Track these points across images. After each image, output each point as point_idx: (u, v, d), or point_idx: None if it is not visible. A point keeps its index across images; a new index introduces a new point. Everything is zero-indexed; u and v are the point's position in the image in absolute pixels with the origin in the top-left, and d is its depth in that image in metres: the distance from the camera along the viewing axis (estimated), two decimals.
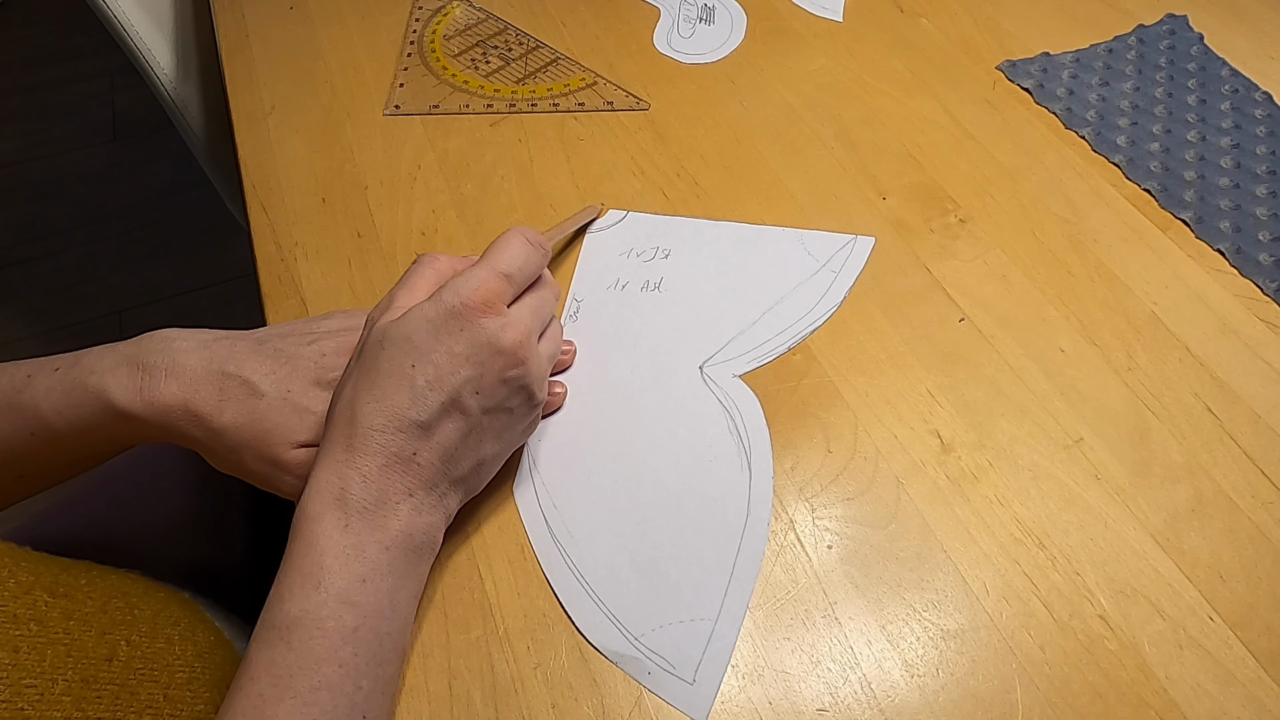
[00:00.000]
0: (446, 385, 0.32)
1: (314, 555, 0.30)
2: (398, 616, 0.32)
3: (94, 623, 0.34)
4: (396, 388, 0.32)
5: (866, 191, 0.52)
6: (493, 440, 0.35)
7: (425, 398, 0.32)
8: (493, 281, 0.34)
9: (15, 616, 0.31)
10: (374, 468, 0.32)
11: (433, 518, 0.33)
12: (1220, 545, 0.37)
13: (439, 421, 0.32)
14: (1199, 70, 0.59)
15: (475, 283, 0.34)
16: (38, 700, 0.30)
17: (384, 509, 0.31)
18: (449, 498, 0.34)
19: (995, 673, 0.34)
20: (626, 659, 0.34)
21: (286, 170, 0.53)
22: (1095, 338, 0.45)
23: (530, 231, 0.37)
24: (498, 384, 0.34)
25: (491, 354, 0.33)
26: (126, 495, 0.53)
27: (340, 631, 0.29)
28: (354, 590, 0.30)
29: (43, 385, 0.35)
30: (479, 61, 0.60)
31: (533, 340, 0.35)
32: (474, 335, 0.33)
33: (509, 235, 0.36)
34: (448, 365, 0.32)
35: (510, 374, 0.34)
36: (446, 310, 0.33)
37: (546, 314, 0.38)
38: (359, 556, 0.31)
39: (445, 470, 0.33)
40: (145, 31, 0.69)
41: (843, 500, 0.39)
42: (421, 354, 0.32)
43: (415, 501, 0.32)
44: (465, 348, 0.33)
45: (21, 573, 0.34)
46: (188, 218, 1.49)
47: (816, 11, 0.64)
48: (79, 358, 0.36)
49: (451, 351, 0.33)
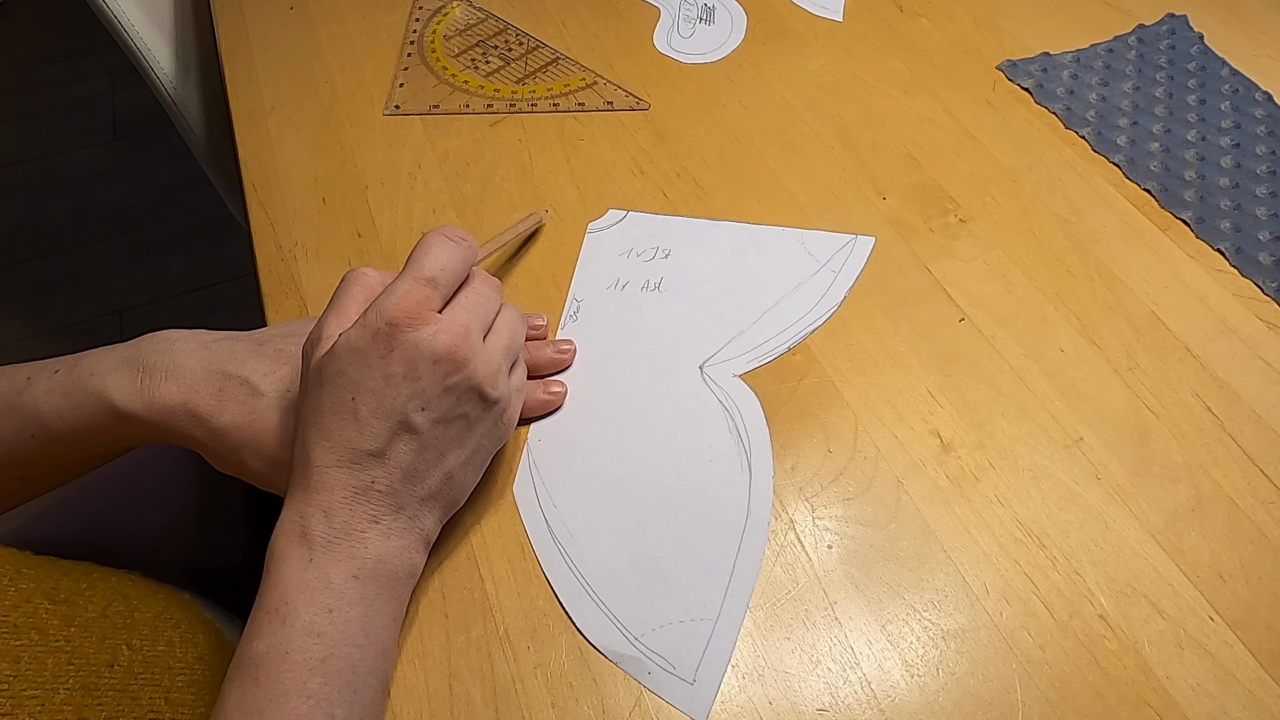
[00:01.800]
0: (388, 409, 0.32)
1: (279, 592, 0.30)
2: (372, 643, 0.31)
3: (94, 628, 0.34)
4: (342, 423, 0.32)
5: (866, 191, 0.52)
6: (455, 449, 0.34)
7: (371, 426, 0.32)
8: (415, 290, 0.33)
9: (16, 626, 0.31)
10: (335, 501, 0.31)
11: (404, 540, 0.33)
12: (1220, 545, 0.37)
13: (390, 446, 0.32)
14: (1199, 70, 0.59)
15: (396, 297, 0.32)
16: (39, 710, 0.30)
17: (349, 539, 0.31)
18: (422, 517, 0.34)
19: (995, 672, 0.34)
20: (627, 659, 0.34)
21: (286, 170, 0.53)
22: (1095, 338, 0.45)
23: (450, 229, 0.36)
24: (442, 394, 0.33)
25: (428, 365, 0.32)
26: (126, 496, 0.53)
27: (307, 664, 0.29)
28: (320, 621, 0.30)
29: (42, 387, 0.35)
30: (479, 61, 0.60)
31: (472, 339, 0.34)
32: (405, 352, 0.32)
33: (427, 238, 0.35)
34: (386, 390, 0.32)
35: (452, 380, 0.33)
36: (372, 333, 0.32)
37: (487, 308, 0.36)
38: (324, 588, 0.30)
39: (410, 490, 0.33)
40: (145, 31, 0.69)
41: (843, 500, 0.39)
42: (358, 386, 0.32)
43: (382, 527, 0.32)
44: (400, 366, 0.32)
45: (22, 580, 0.34)
46: (188, 218, 1.49)
47: (816, 11, 0.64)
48: (79, 359, 0.36)
49: (386, 375, 0.32)
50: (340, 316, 0.34)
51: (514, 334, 0.37)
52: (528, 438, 0.41)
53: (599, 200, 0.51)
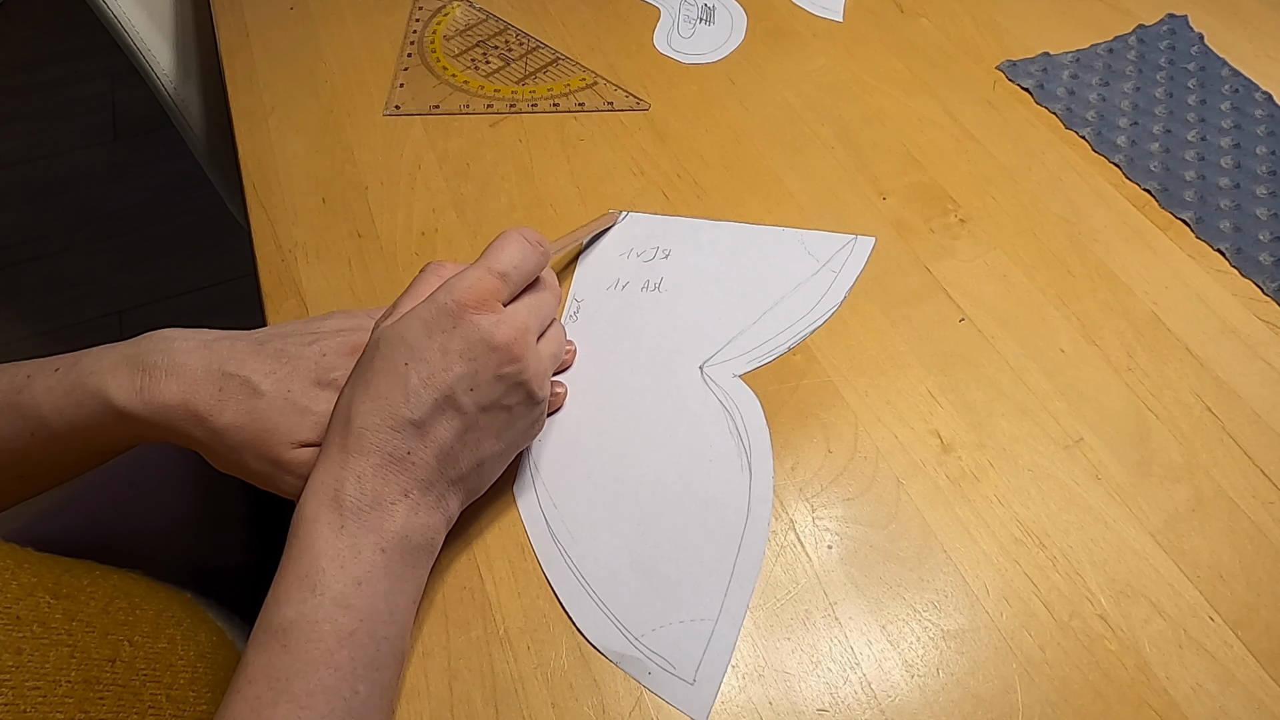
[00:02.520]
0: (440, 382, 0.32)
1: (310, 558, 0.30)
2: (395, 620, 0.31)
3: (96, 624, 0.34)
4: (390, 387, 0.32)
5: (866, 191, 0.52)
6: (492, 439, 0.35)
7: (419, 395, 0.32)
8: (487, 280, 0.34)
9: (18, 619, 0.31)
10: (368, 468, 0.32)
11: (430, 518, 0.33)
12: (1220, 545, 0.37)
13: (434, 419, 0.32)
14: (1199, 70, 0.59)
15: (469, 281, 0.34)
16: (40, 702, 0.30)
17: (379, 510, 0.31)
18: (448, 499, 0.34)
19: (995, 673, 0.34)
20: (627, 659, 0.34)
21: (286, 170, 0.53)
22: (1095, 338, 0.45)
23: (529, 231, 0.37)
24: (493, 380, 0.33)
25: (485, 350, 0.33)
26: (127, 495, 0.53)
27: (336, 635, 0.29)
28: (350, 593, 0.30)
29: (42, 385, 0.35)
30: (479, 62, 0.60)
31: (529, 338, 0.35)
32: (467, 332, 0.33)
33: (506, 235, 0.36)
34: (441, 362, 0.32)
35: (506, 370, 0.33)
36: (439, 308, 0.33)
37: (546, 314, 0.37)
38: (354, 559, 0.31)
39: (442, 470, 0.33)
40: (145, 31, 0.69)
41: (843, 500, 0.39)
42: (414, 352, 0.32)
43: (411, 502, 0.32)
44: (459, 344, 0.33)
45: (24, 574, 0.34)
46: (188, 218, 1.49)
47: (816, 11, 0.64)
48: (79, 358, 0.36)
49: (445, 348, 0.32)
50: (414, 298, 0.35)
51: (559, 345, 0.39)
52: None
53: (599, 200, 0.51)
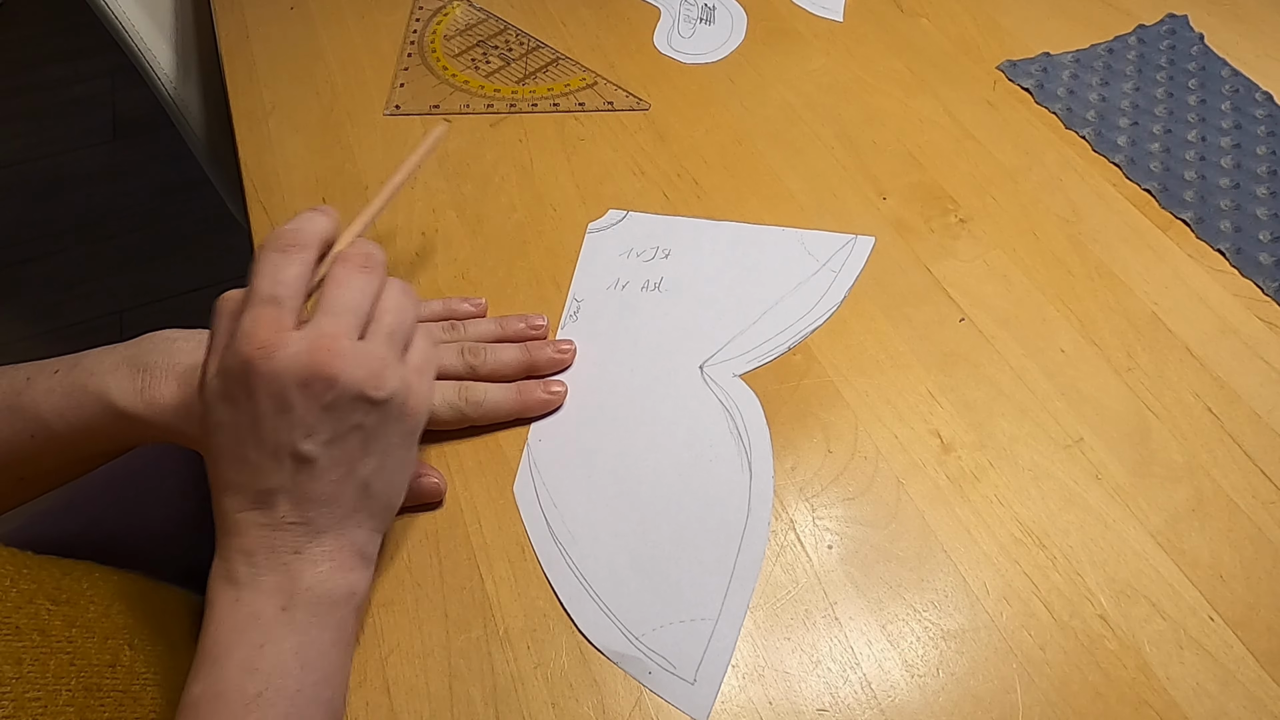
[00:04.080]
0: (273, 446, 0.31)
1: (212, 635, 0.30)
2: (311, 671, 0.31)
3: (96, 629, 0.34)
4: (236, 470, 0.31)
5: (866, 191, 0.52)
6: (362, 461, 0.32)
7: (263, 467, 0.31)
8: (262, 315, 0.31)
9: (18, 628, 0.31)
10: (250, 543, 0.31)
11: (333, 563, 0.32)
12: (1220, 545, 0.37)
13: (290, 479, 0.31)
14: (1199, 70, 0.59)
15: (243, 330, 0.31)
16: (41, 712, 0.30)
17: (274, 573, 0.31)
18: (349, 534, 0.33)
19: (995, 673, 0.34)
20: (627, 659, 0.34)
21: (286, 170, 0.53)
22: (1095, 338, 0.45)
23: (284, 232, 0.33)
24: (322, 415, 0.31)
25: (295, 392, 0.30)
26: (128, 496, 0.53)
27: (242, 700, 0.29)
28: (253, 657, 0.30)
29: (42, 387, 0.35)
30: (479, 61, 0.60)
31: (337, 345, 0.31)
32: (267, 386, 0.30)
33: (257, 252, 0.32)
34: (263, 429, 0.31)
35: (328, 398, 0.31)
36: (230, 376, 0.31)
37: (357, 300, 0.33)
38: (255, 625, 0.30)
39: (325, 515, 0.32)
40: (145, 31, 0.69)
41: (843, 500, 0.39)
42: (236, 432, 0.31)
43: (306, 556, 0.31)
44: (267, 403, 0.30)
45: (23, 581, 0.34)
46: (188, 218, 1.49)
47: (816, 11, 0.64)
48: (78, 360, 0.36)
49: (256, 416, 0.30)
50: (215, 353, 0.32)
51: (399, 314, 0.34)
52: (528, 438, 0.41)
53: (599, 200, 0.51)
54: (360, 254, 0.34)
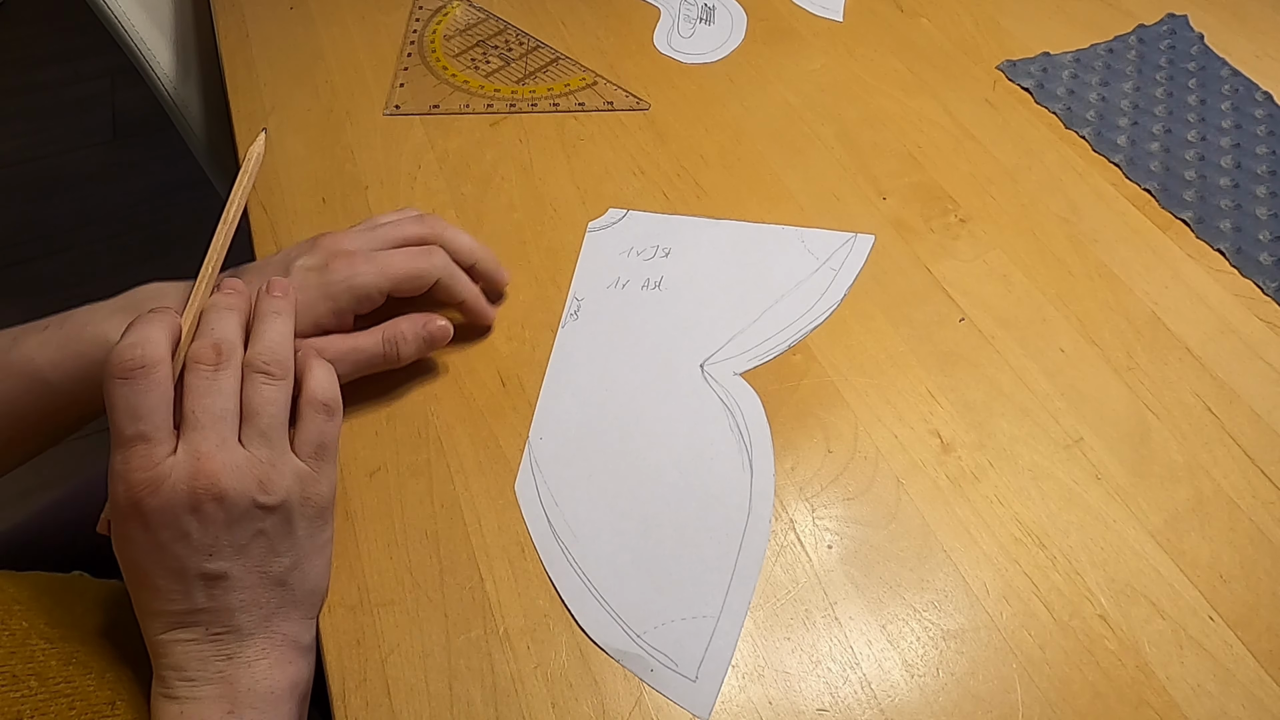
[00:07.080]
0: (179, 571, 0.31)
1: None
2: None
3: (94, 665, 0.34)
4: (150, 597, 0.31)
5: (866, 191, 0.52)
6: (273, 562, 0.33)
7: (173, 592, 0.31)
8: (132, 457, 0.30)
9: (15, 676, 0.31)
10: (180, 659, 0.31)
11: (268, 659, 0.32)
12: (1220, 545, 0.37)
13: (204, 596, 0.31)
14: (1199, 70, 0.59)
15: (119, 475, 0.31)
16: None
17: (210, 684, 0.31)
18: (278, 629, 0.33)
19: (995, 673, 0.34)
20: (629, 656, 0.34)
21: (286, 170, 0.53)
22: (1095, 338, 0.45)
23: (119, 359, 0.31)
24: (220, 533, 0.31)
25: (187, 518, 0.30)
26: None
27: None
28: None
29: (34, 342, 0.36)
30: (479, 61, 0.60)
31: (215, 463, 0.31)
32: (158, 519, 0.30)
33: (106, 387, 0.31)
34: (166, 558, 0.31)
35: (221, 517, 0.31)
36: (124, 515, 0.31)
37: (222, 403, 0.32)
38: None
39: (249, 619, 0.32)
40: (145, 31, 0.69)
41: (843, 500, 0.39)
42: (140, 564, 0.31)
43: (238, 660, 0.32)
44: (164, 533, 0.31)
45: (14, 620, 0.33)
46: (188, 218, 1.49)
47: (816, 11, 0.64)
48: (68, 316, 0.37)
49: (157, 545, 0.31)
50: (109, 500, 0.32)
51: (267, 406, 0.33)
52: (529, 436, 0.41)
53: (599, 200, 0.51)
54: (208, 347, 0.33)
